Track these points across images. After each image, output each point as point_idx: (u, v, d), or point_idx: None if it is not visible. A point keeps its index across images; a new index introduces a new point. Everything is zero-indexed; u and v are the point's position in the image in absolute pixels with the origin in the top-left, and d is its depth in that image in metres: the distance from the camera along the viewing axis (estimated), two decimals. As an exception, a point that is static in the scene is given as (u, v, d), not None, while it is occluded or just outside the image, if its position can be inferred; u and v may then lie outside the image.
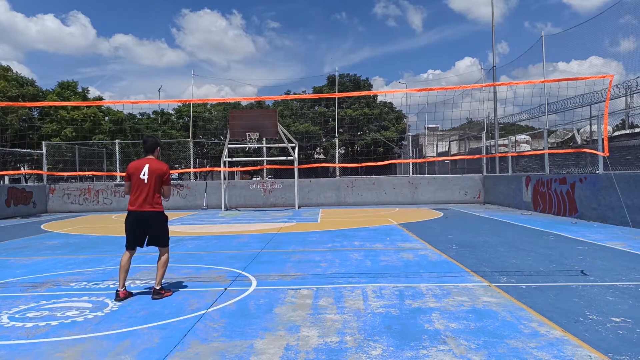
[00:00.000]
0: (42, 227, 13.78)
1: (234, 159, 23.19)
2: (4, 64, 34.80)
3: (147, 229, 5.21)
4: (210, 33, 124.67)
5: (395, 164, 35.24)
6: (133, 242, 5.24)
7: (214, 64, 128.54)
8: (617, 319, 4.07)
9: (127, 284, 5.87)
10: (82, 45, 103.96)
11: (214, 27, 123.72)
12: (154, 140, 5.49)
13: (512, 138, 21.92)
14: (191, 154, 22.41)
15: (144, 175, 5.18)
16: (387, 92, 25.49)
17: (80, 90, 36.34)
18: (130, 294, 5.23)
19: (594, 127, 16.16)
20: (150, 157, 5.36)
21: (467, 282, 5.59)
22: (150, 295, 5.18)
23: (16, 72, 35.31)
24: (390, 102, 47.08)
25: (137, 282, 5.99)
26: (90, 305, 4.91)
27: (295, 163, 19.06)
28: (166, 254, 5.28)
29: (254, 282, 5.80)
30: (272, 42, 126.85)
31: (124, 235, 5.31)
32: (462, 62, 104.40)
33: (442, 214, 15.10)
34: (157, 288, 5.16)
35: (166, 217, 5.41)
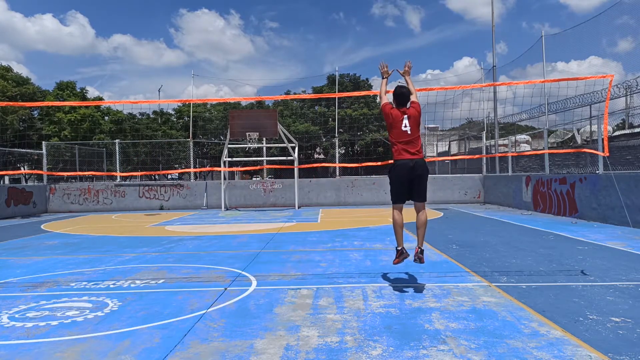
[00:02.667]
0: (42, 227, 13.78)
1: (234, 159, 23.18)
2: (4, 64, 34.82)
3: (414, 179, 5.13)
4: (209, 33, 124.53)
5: (395, 163, 35.14)
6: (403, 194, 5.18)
7: (212, 64, 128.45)
8: (617, 319, 4.07)
9: (127, 283, 5.89)
10: (81, 45, 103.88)
11: (212, 27, 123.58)
12: (407, 93, 5.34)
13: (512, 138, 21.92)
14: (191, 154, 22.41)
15: (405, 127, 5.12)
16: (387, 92, 25.43)
17: (78, 90, 36.33)
18: (407, 255, 5.18)
19: (594, 127, 16.16)
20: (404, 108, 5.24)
21: (467, 282, 5.59)
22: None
23: (16, 72, 35.35)
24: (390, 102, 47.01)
25: (137, 282, 5.99)
26: (90, 305, 4.91)
27: (295, 163, 19.06)
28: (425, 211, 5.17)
29: (254, 282, 5.80)
30: (272, 42, 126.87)
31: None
32: (460, 62, 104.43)
33: (442, 214, 15.09)
34: (421, 248, 5.14)
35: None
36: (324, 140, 42.32)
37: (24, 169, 29.02)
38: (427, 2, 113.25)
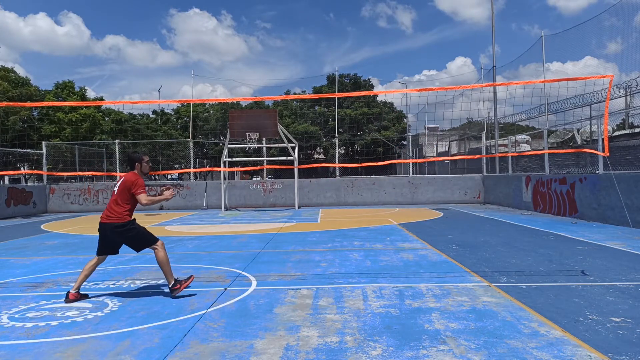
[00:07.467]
0: (42, 227, 13.78)
1: (234, 159, 23.19)
2: (2, 65, 34.86)
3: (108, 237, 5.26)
4: (202, 34, 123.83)
5: (395, 164, 35.25)
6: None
7: (208, 64, 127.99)
8: (617, 319, 4.07)
9: (127, 283, 5.90)
10: (77, 46, 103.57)
11: (204, 28, 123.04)
12: (132, 157, 5.59)
13: (512, 138, 21.92)
14: (191, 154, 22.41)
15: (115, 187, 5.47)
16: (387, 92, 25.47)
17: (77, 90, 36.34)
18: (85, 296, 5.15)
19: (594, 127, 16.16)
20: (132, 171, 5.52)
21: (467, 282, 5.59)
22: (151, 296, 5.18)
23: (15, 72, 35.36)
24: (390, 102, 47.13)
25: (137, 282, 5.99)
26: (90, 305, 4.91)
27: (295, 163, 19.05)
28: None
29: (254, 282, 5.80)
30: (271, 42, 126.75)
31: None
32: (453, 63, 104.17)
33: (442, 214, 15.09)
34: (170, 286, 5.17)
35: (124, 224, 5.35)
36: (323, 140, 42.35)
37: (24, 169, 29.01)
38: (418, 4, 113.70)
